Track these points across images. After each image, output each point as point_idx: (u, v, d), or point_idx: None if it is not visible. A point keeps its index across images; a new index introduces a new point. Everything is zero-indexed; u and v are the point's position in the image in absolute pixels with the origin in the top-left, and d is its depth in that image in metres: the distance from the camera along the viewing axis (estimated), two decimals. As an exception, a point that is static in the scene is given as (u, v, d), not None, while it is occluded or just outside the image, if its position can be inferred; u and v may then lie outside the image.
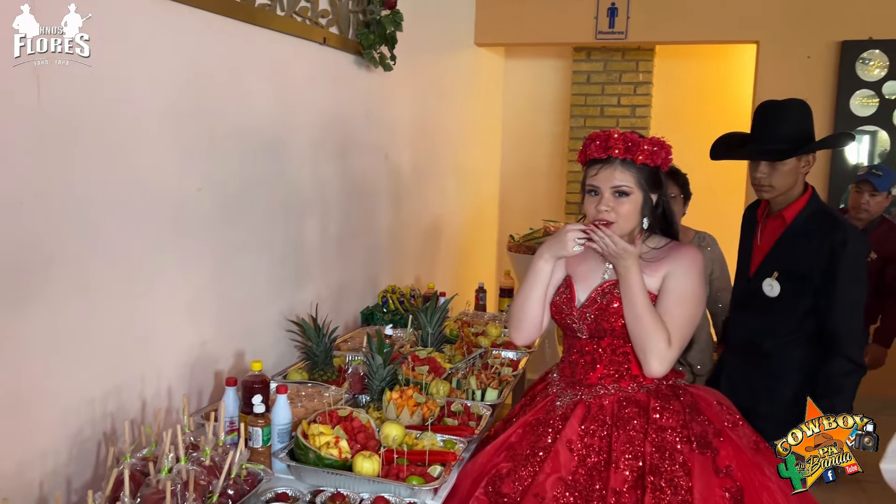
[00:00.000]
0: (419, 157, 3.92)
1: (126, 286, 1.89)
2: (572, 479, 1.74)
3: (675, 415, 1.80)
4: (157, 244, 1.99)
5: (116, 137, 1.82)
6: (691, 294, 1.84)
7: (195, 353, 2.16)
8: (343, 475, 1.77)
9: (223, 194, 2.27)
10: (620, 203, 1.81)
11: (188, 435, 1.72)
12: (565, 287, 1.96)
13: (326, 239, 2.95)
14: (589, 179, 1.85)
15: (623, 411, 1.82)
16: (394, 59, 3.20)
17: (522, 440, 1.87)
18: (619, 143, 1.79)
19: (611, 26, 4.68)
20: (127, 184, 1.87)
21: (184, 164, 2.09)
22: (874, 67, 4.30)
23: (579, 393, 1.90)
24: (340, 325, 2.98)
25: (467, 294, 3.65)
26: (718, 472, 1.71)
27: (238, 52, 2.31)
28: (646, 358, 1.80)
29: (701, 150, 5.39)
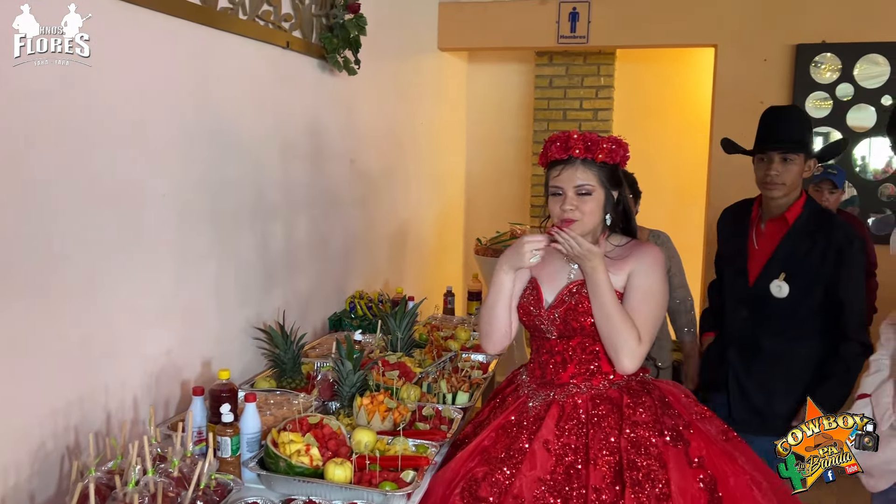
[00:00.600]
0: (385, 162, 3.91)
1: (88, 293, 1.85)
2: (551, 479, 1.75)
3: (648, 410, 1.83)
4: (121, 251, 1.95)
5: (78, 143, 1.78)
6: (656, 291, 1.88)
7: (161, 363, 2.12)
8: (315, 483, 1.75)
9: (188, 200, 2.23)
10: (584, 202, 1.85)
11: (155, 446, 1.69)
12: (531, 289, 1.99)
13: (293, 244, 2.92)
14: (552, 181, 1.89)
15: (597, 409, 1.84)
16: (358, 64, 3.19)
17: (496, 443, 1.87)
18: (579, 143, 1.83)
19: (572, 31, 4.72)
20: (90, 189, 1.83)
21: (148, 169, 2.05)
22: (826, 70, 4.41)
23: (551, 393, 1.91)
24: (308, 332, 2.96)
25: (436, 298, 3.65)
26: (691, 463, 1.74)
27: (201, 57, 2.28)
28: (617, 356, 1.83)
29: (662, 152, 5.51)
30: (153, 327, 2.10)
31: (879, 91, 4.34)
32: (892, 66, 4.30)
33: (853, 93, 4.39)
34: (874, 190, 4.49)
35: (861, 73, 4.37)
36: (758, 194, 2.58)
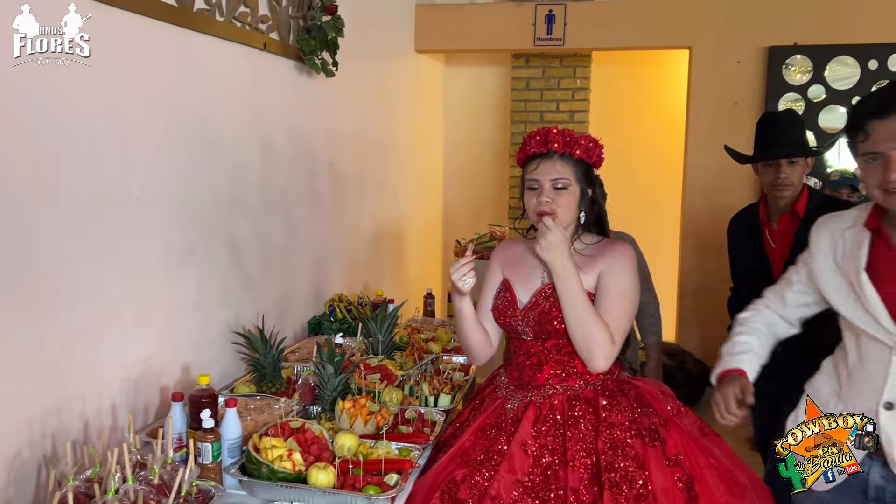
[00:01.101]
0: (363, 164, 3.90)
1: (64, 300, 1.81)
2: (529, 481, 1.75)
3: (624, 410, 1.83)
4: (96, 256, 1.92)
5: (51, 145, 1.75)
6: (628, 290, 1.88)
7: (139, 369, 2.09)
8: (298, 488, 1.73)
9: (165, 204, 2.20)
10: (560, 195, 1.86)
11: (135, 453, 1.66)
12: (504, 290, 1.98)
13: (271, 248, 2.90)
14: (529, 174, 1.90)
15: (573, 410, 1.84)
16: (336, 66, 3.18)
17: (475, 446, 1.86)
18: (558, 138, 1.85)
19: (549, 33, 4.75)
20: (64, 193, 1.80)
21: (123, 172, 2.02)
22: (796, 72, 4.48)
23: (529, 394, 1.91)
24: (287, 336, 2.93)
25: (415, 300, 3.64)
26: (669, 461, 1.75)
27: (177, 58, 2.25)
28: (591, 357, 1.82)
29: (638, 153, 5.55)
30: (131, 333, 2.07)
31: (850, 92, 4.41)
32: (862, 68, 4.38)
33: (825, 94, 4.46)
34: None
35: (832, 74, 4.44)
36: (759, 198, 2.69)
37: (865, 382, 1.69)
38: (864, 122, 1.62)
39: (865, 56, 4.36)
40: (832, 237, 1.79)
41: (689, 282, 4.71)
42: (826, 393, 1.81)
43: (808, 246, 1.86)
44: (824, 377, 1.86)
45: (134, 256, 2.07)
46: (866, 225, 1.71)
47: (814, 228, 1.87)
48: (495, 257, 2.07)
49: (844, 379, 1.77)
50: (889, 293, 1.64)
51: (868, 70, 4.36)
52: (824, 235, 1.81)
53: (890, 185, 1.59)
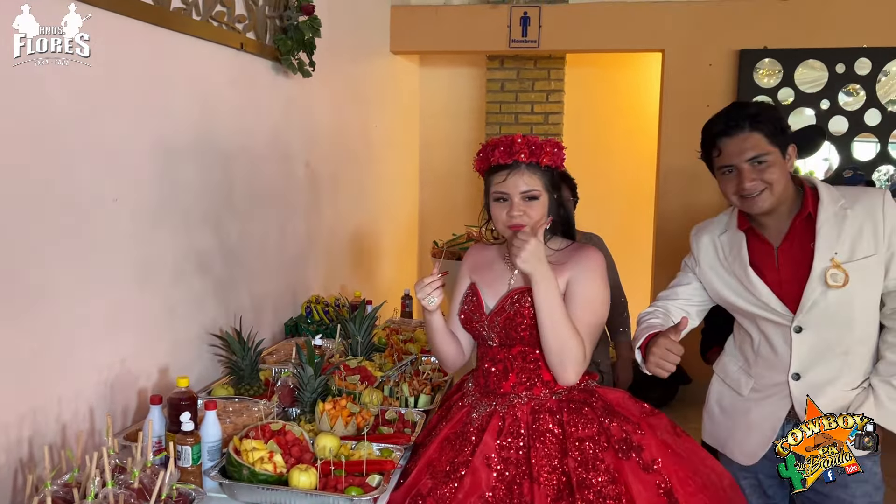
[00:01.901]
0: (340, 165, 3.89)
1: (39, 302, 1.79)
2: (492, 496, 1.70)
3: (590, 423, 1.79)
4: (71, 257, 1.89)
5: (25, 145, 1.72)
6: (596, 298, 1.84)
7: (115, 371, 2.06)
8: (279, 490, 1.72)
9: (141, 204, 2.18)
10: (531, 207, 1.81)
11: (114, 457, 1.64)
12: (472, 295, 1.94)
13: (248, 249, 2.87)
14: (496, 186, 1.83)
15: (537, 423, 1.80)
16: (312, 66, 3.16)
17: (441, 456, 1.83)
18: (524, 148, 1.79)
19: (524, 35, 4.78)
20: (38, 194, 1.77)
21: (99, 173, 1.99)
22: (764, 76, 4.56)
23: (494, 403, 1.86)
24: (265, 338, 2.91)
25: (393, 301, 3.64)
26: (647, 468, 1.71)
27: (154, 58, 2.23)
28: (564, 367, 1.78)
29: (611, 154, 5.61)
30: (107, 335, 2.04)
31: (818, 95, 4.51)
32: (829, 72, 4.47)
33: (794, 97, 4.55)
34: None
35: (800, 77, 4.53)
36: None
37: (772, 359, 1.95)
38: (715, 140, 1.89)
39: (833, 60, 4.45)
40: (711, 241, 2.05)
41: (663, 282, 4.75)
42: (734, 370, 2.08)
43: (691, 253, 2.13)
44: (730, 357, 2.12)
45: (109, 257, 2.04)
46: (739, 227, 1.99)
47: (692, 238, 2.12)
48: (465, 262, 2.03)
49: (751, 357, 2.02)
50: (772, 280, 1.92)
51: (835, 73, 4.46)
52: (703, 240, 2.08)
53: (744, 191, 1.86)
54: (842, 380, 1.88)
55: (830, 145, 4.57)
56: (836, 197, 1.88)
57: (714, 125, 1.90)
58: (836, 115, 4.52)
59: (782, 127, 1.87)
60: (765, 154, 1.83)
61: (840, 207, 1.86)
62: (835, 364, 1.88)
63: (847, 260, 1.83)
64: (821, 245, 1.85)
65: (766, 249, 1.95)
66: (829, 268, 1.83)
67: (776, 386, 1.95)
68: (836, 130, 4.54)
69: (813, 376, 1.89)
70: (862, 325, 1.88)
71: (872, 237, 1.83)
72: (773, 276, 1.93)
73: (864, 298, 1.86)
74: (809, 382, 1.90)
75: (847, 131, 4.51)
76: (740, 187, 1.86)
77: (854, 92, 4.50)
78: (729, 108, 1.92)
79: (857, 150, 4.54)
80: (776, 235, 1.94)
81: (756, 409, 2.00)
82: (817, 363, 1.89)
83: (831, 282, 1.83)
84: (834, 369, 1.88)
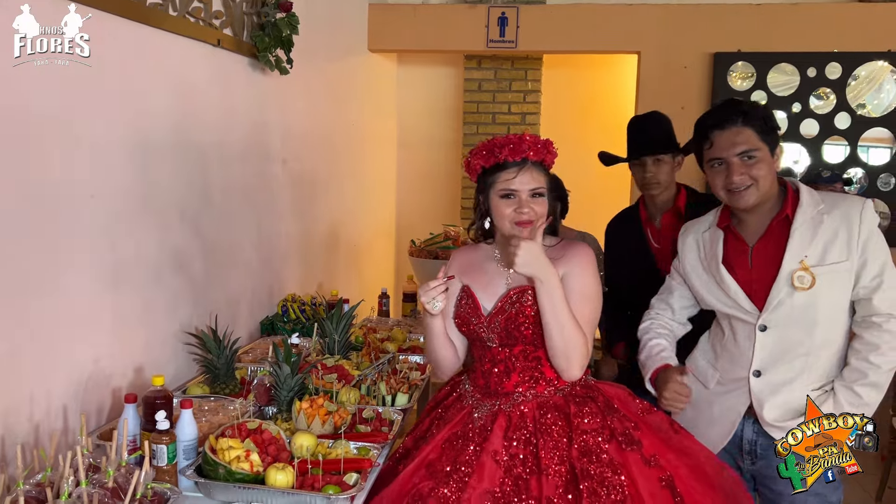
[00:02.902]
0: (317, 163, 3.87)
1: (11, 299, 1.76)
2: (499, 491, 1.70)
3: (594, 416, 1.81)
4: (45, 253, 1.86)
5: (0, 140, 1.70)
6: (592, 292, 1.88)
7: (89, 370, 2.04)
8: (256, 489, 1.71)
9: (117, 201, 2.15)
10: (538, 204, 1.84)
11: (88, 456, 1.62)
12: (467, 298, 1.93)
13: (224, 247, 2.85)
14: (504, 184, 1.83)
15: (544, 418, 1.81)
16: (290, 63, 3.15)
17: (442, 457, 1.81)
18: (532, 146, 1.83)
19: (501, 35, 4.79)
20: (11, 189, 1.74)
21: (75, 169, 1.96)
22: (737, 78, 4.63)
23: (497, 402, 1.87)
24: (241, 337, 2.89)
25: (371, 300, 3.63)
26: (648, 463, 1.74)
27: (130, 53, 2.20)
28: (570, 364, 1.80)
29: (587, 156, 5.63)
30: (81, 333, 2.02)
31: (790, 98, 4.58)
32: (801, 75, 4.54)
33: (767, 100, 4.61)
34: (786, 193, 4.72)
35: (773, 81, 4.60)
36: (636, 200, 2.78)
37: (737, 355, 2.01)
38: (707, 133, 1.93)
39: (804, 64, 4.52)
40: (695, 240, 2.11)
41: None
42: (703, 364, 2.14)
43: (678, 252, 2.17)
44: (700, 352, 2.18)
45: (83, 254, 2.01)
46: (718, 224, 2.04)
47: (680, 236, 2.18)
48: (453, 265, 2.01)
49: (719, 352, 2.09)
50: (744, 278, 1.98)
51: (807, 77, 4.53)
52: (688, 240, 2.14)
53: (732, 185, 1.90)
54: (800, 381, 1.92)
55: (801, 147, 4.65)
56: (816, 201, 1.92)
57: (708, 118, 1.95)
58: (808, 118, 4.59)
59: (773, 126, 1.92)
60: (754, 150, 1.88)
61: (818, 212, 1.90)
62: (795, 365, 1.93)
63: (817, 263, 1.87)
64: (792, 246, 1.89)
65: (741, 248, 1.99)
66: (796, 270, 1.87)
67: (738, 381, 2.01)
68: (807, 133, 4.61)
69: (772, 375, 1.95)
70: (825, 329, 1.91)
71: (846, 244, 1.86)
72: (745, 275, 1.97)
73: (829, 303, 1.89)
74: (768, 381, 1.95)
75: (818, 134, 4.59)
76: (728, 181, 1.90)
77: (824, 95, 4.58)
78: (724, 102, 1.98)
79: (828, 153, 4.62)
80: (753, 234, 1.98)
81: (718, 403, 2.05)
82: (778, 362, 1.94)
83: (797, 283, 1.87)
84: (794, 370, 1.93)
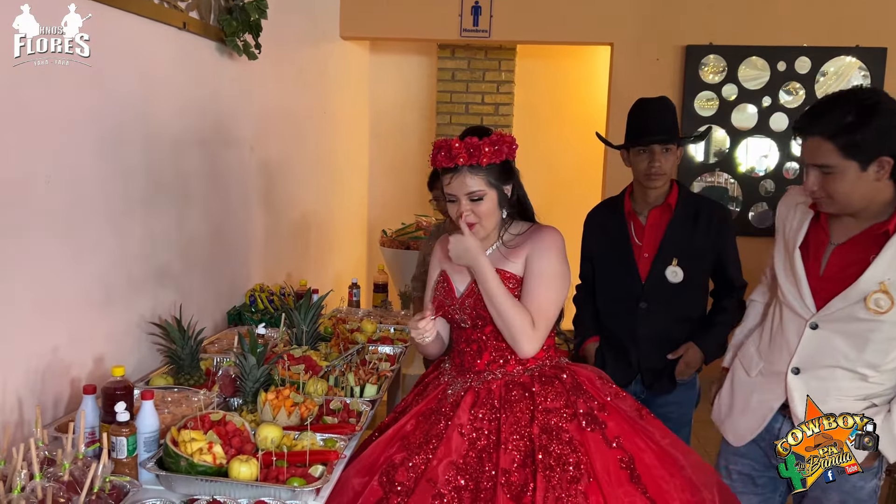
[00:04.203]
0: (285, 151, 3.81)
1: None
2: (463, 462, 1.78)
3: (559, 396, 1.87)
4: (1, 239, 1.80)
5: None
6: (553, 273, 1.91)
7: (46, 360, 1.98)
8: (219, 482, 1.67)
9: (76, 185, 2.08)
10: (478, 206, 1.89)
11: (42, 449, 1.57)
12: (443, 282, 2.03)
13: (189, 235, 2.79)
14: (445, 188, 1.92)
15: (510, 394, 1.88)
16: (259, 48, 3.09)
17: (416, 430, 1.90)
18: (462, 152, 1.84)
19: (475, 24, 4.77)
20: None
21: (30, 151, 1.89)
22: (709, 72, 4.65)
23: (469, 380, 1.95)
24: (206, 327, 2.84)
25: (340, 290, 3.59)
26: (609, 444, 1.79)
27: (91, 34, 2.12)
28: (515, 343, 1.87)
29: (560, 146, 5.64)
30: (38, 322, 1.95)
31: (760, 92, 4.61)
32: (771, 69, 4.58)
33: (737, 93, 4.64)
34: (755, 185, 4.77)
35: (744, 74, 4.63)
36: (622, 190, 2.64)
37: (782, 346, 1.94)
38: (797, 133, 1.83)
39: (775, 58, 4.56)
40: (787, 209, 2.00)
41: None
42: (751, 351, 2.09)
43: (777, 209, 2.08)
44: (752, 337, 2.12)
45: (39, 239, 1.95)
46: (812, 206, 1.90)
47: (781, 200, 2.07)
48: (437, 252, 2.10)
49: (766, 339, 2.03)
50: (812, 271, 1.88)
51: (777, 71, 4.57)
52: (783, 207, 2.03)
53: (808, 192, 1.81)
54: (838, 389, 1.85)
55: (772, 142, 4.69)
56: None
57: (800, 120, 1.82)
58: (777, 112, 4.63)
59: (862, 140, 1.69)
60: (830, 166, 1.73)
61: None
62: (836, 373, 1.85)
63: None
64: (879, 263, 1.75)
65: (823, 240, 1.88)
66: (874, 291, 1.74)
67: (777, 375, 1.95)
68: (776, 128, 4.66)
69: (811, 375, 1.88)
70: (875, 350, 1.80)
71: None
72: (816, 269, 1.87)
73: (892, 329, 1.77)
74: (806, 380, 1.88)
75: (787, 129, 4.63)
76: (804, 186, 1.82)
77: (794, 91, 4.62)
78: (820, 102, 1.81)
79: (797, 148, 4.67)
80: (841, 233, 1.85)
81: (757, 393, 2.01)
82: (819, 365, 1.86)
83: (873, 306, 1.74)
84: (834, 377, 1.85)
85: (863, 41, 4.49)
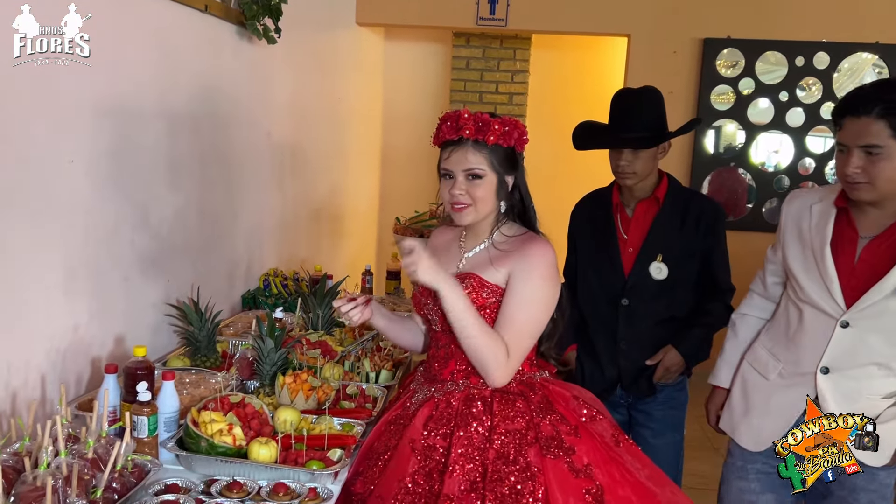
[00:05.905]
0: (302, 136, 3.81)
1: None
2: (410, 481, 1.66)
3: (520, 416, 1.71)
4: (24, 219, 1.81)
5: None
6: (535, 298, 1.75)
7: (68, 339, 1.99)
8: (238, 463, 1.69)
9: (98, 167, 2.09)
10: (474, 186, 1.74)
11: (67, 426, 1.59)
12: None
13: (206, 218, 2.80)
14: (443, 163, 1.78)
15: (469, 409, 1.73)
16: (278, 33, 3.09)
17: (380, 438, 1.81)
18: (469, 124, 1.72)
19: (492, 13, 4.75)
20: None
21: (55, 133, 1.90)
22: (726, 66, 4.63)
23: (433, 389, 1.82)
24: (223, 310, 2.85)
25: (354, 277, 3.60)
26: (577, 472, 1.63)
27: (116, 16, 2.13)
28: (486, 372, 1.73)
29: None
30: (61, 301, 1.97)
31: (777, 87, 4.59)
32: (790, 64, 4.55)
33: (754, 87, 4.62)
34: (770, 180, 4.76)
35: (761, 69, 4.61)
36: (610, 182, 2.53)
37: (808, 347, 1.89)
38: (843, 114, 1.77)
39: (793, 52, 4.54)
40: (807, 209, 1.94)
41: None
42: (763, 354, 2.04)
43: (780, 218, 2.03)
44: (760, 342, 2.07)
45: (63, 220, 1.96)
46: (836, 202, 1.87)
47: (784, 203, 2.03)
48: (429, 245, 1.96)
49: (785, 343, 1.97)
50: (843, 268, 1.83)
51: (795, 66, 4.55)
52: (795, 207, 1.99)
53: (847, 176, 1.76)
54: (870, 387, 1.83)
55: (787, 137, 4.67)
56: None
57: (848, 99, 1.79)
58: (794, 107, 4.61)
59: None
60: (879, 146, 1.70)
61: None
62: (868, 370, 1.83)
63: None
64: None
65: (852, 236, 1.84)
66: None
67: (803, 376, 1.90)
68: (792, 123, 4.64)
69: (842, 374, 1.84)
70: None
71: None
72: (846, 267, 1.83)
73: None
74: (836, 380, 1.85)
75: (803, 124, 4.61)
76: (843, 171, 1.77)
77: (807, 87, 4.60)
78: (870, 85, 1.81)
79: (811, 144, 4.65)
80: (870, 227, 1.82)
81: (778, 396, 1.95)
82: (851, 363, 1.84)
83: None
84: (867, 374, 1.83)
85: (882, 37, 4.46)
